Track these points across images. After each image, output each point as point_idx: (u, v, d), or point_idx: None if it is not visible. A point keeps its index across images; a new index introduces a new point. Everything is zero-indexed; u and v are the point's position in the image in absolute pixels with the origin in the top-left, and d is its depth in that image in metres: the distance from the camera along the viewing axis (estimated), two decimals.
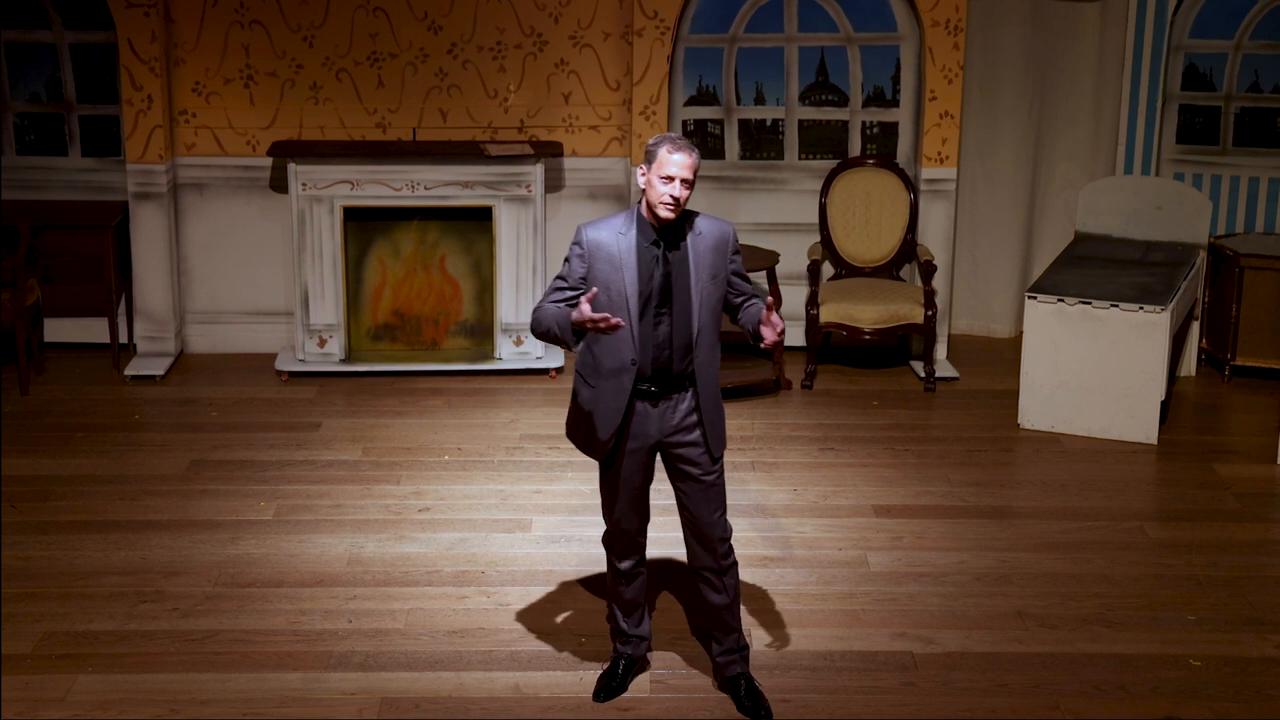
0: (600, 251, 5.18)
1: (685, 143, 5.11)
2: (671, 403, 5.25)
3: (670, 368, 5.21)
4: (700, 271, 5.17)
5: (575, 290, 5.20)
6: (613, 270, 5.16)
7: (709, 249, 5.19)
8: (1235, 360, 8.92)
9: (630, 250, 5.15)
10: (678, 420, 5.26)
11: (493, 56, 9.02)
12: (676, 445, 5.29)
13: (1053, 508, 7.23)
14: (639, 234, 5.18)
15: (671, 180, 5.06)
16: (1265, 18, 9.26)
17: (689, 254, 5.17)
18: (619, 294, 5.15)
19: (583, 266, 5.21)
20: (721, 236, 5.24)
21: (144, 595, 6.31)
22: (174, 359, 9.06)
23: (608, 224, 5.24)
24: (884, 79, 9.22)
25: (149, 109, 8.81)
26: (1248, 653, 5.94)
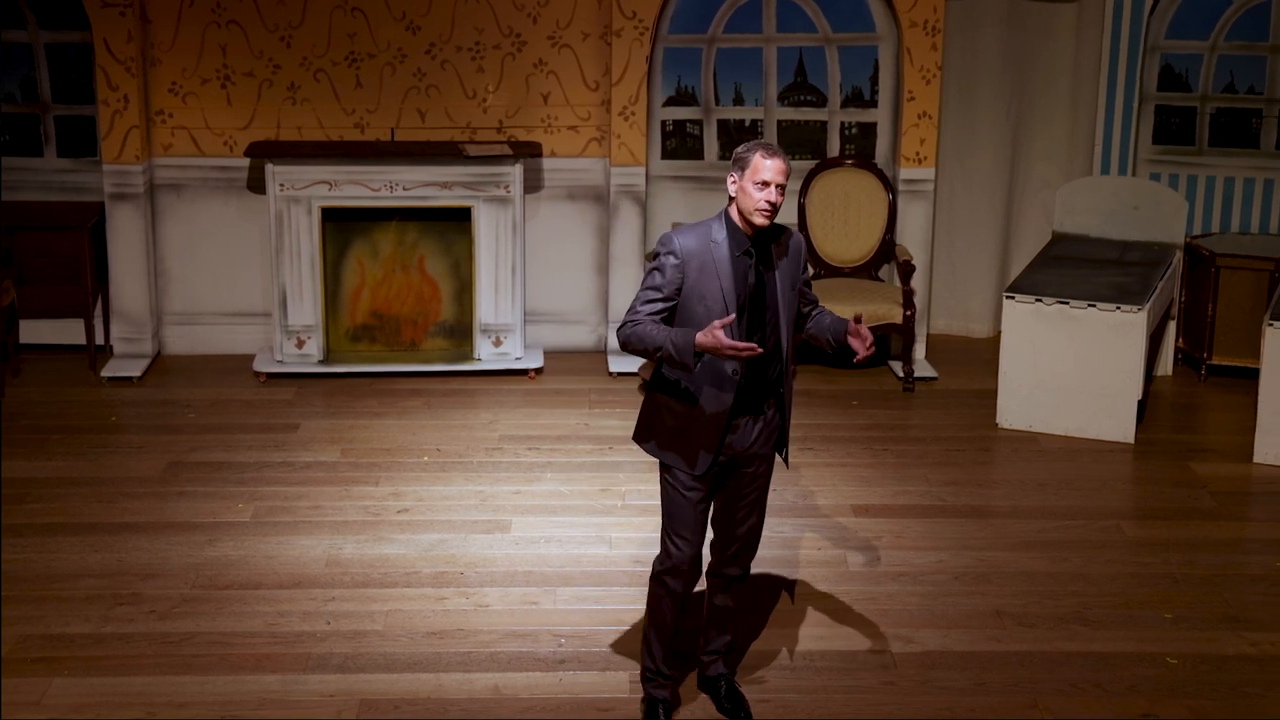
0: (694, 260, 5.01)
1: (777, 148, 5.00)
2: (766, 414, 5.16)
3: (763, 378, 5.11)
4: (784, 281, 5.09)
5: (670, 301, 5.01)
6: (708, 280, 5.00)
7: (788, 258, 5.12)
8: (1211, 359, 8.95)
9: (725, 259, 5.00)
10: (758, 433, 5.16)
11: (471, 57, 9.01)
12: (749, 459, 5.18)
13: (1031, 507, 7.25)
14: (731, 242, 5.03)
15: (767, 186, 4.95)
16: (1240, 18, 9.30)
17: (775, 264, 5.08)
18: (716, 303, 4.98)
19: (679, 275, 5.01)
20: (796, 245, 5.17)
21: (121, 597, 6.28)
22: (151, 360, 9.03)
23: (697, 231, 5.07)
24: (862, 79, 9.24)
25: (125, 109, 8.78)
26: (1224, 650, 5.97)
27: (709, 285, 5.01)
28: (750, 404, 5.12)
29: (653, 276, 5.06)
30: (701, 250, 5.02)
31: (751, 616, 6.12)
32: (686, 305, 5.03)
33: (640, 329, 4.99)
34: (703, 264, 5.01)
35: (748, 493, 5.26)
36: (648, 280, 5.07)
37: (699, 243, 5.04)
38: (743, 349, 4.80)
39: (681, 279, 5.02)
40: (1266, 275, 8.75)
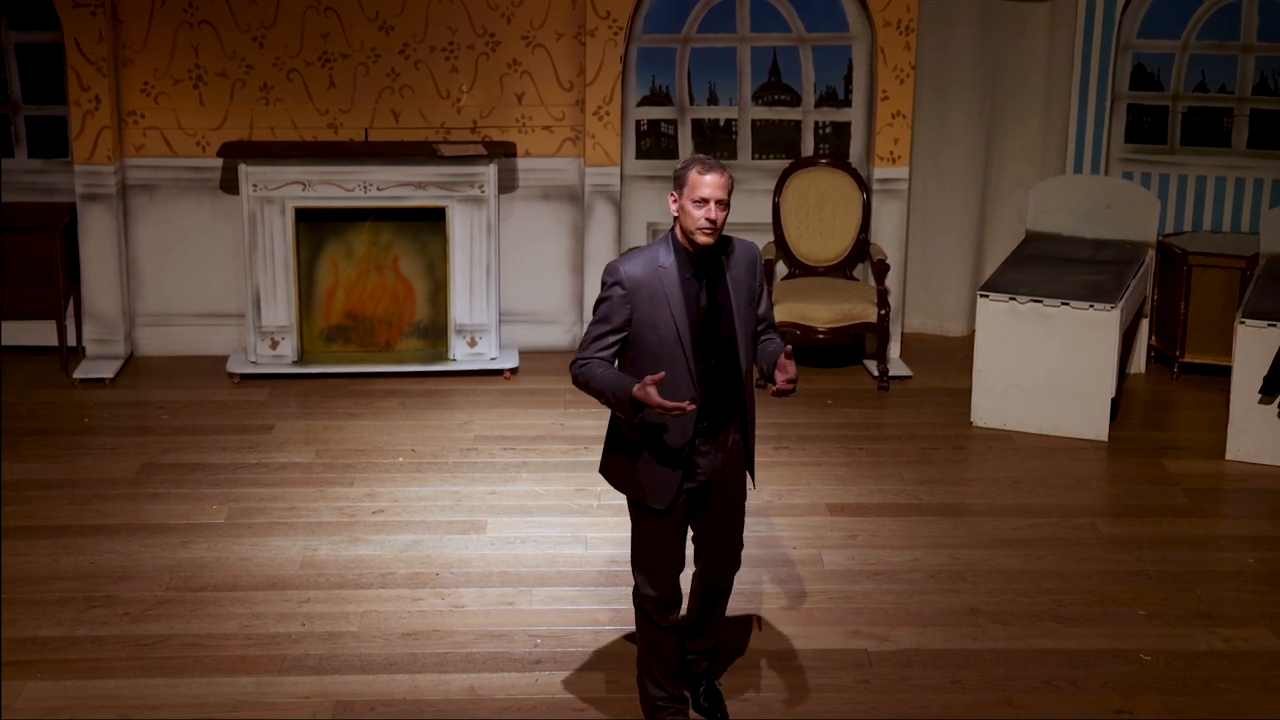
0: (642, 289, 4.84)
1: (715, 162, 4.83)
2: (726, 436, 5.04)
3: (724, 401, 4.98)
4: (739, 298, 4.94)
5: (621, 333, 4.88)
6: (658, 308, 4.84)
7: (743, 274, 4.97)
8: (1184, 357, 8.99)
9: (674, 284, 4.84)
10: (726, 455, 5.05)
11: (445, 57, 9.00)
12: (722, 480, 5.08)
13: (1005, 505, 7.27)
14: (679, 266, 4.87)
15: (706, 203, 4.77)
16: (1211, 18, 9.34)
17: (728, 281, 4.93)
18: (668, 331, 4.84)
19: (625, 308, 4.86)
20: (750, 257, 5.01)
21: (94, 600, 6.26)
22: (124, 362, 9.00)
23: (642, 258, 4.90)
24: (836, 79, 9.25)
25: (96, 109, 8.75)
26: (1196, 646, 5.99)
27: (659, 313, 4.86)
28: (712, 429, 4.99)
29: (601, 309, 4.92)
30: (649, 278, 4.86)
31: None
32: (638, 335, 4.88)
33: (588, 371, 4.88)
34: (652, 292, 4.86)
35: (726, 513, 5.17)
36: (597, 313, 4.94)
37: (646, 270, 4.87)
38: (671, 408, 4.67)
39: (630, 309, 4.87)
40: (1238, 273, 8.79)
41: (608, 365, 4.90)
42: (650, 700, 5.31)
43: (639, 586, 5.18)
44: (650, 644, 5.25)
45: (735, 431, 5.07)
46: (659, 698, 5.29)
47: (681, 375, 4.88)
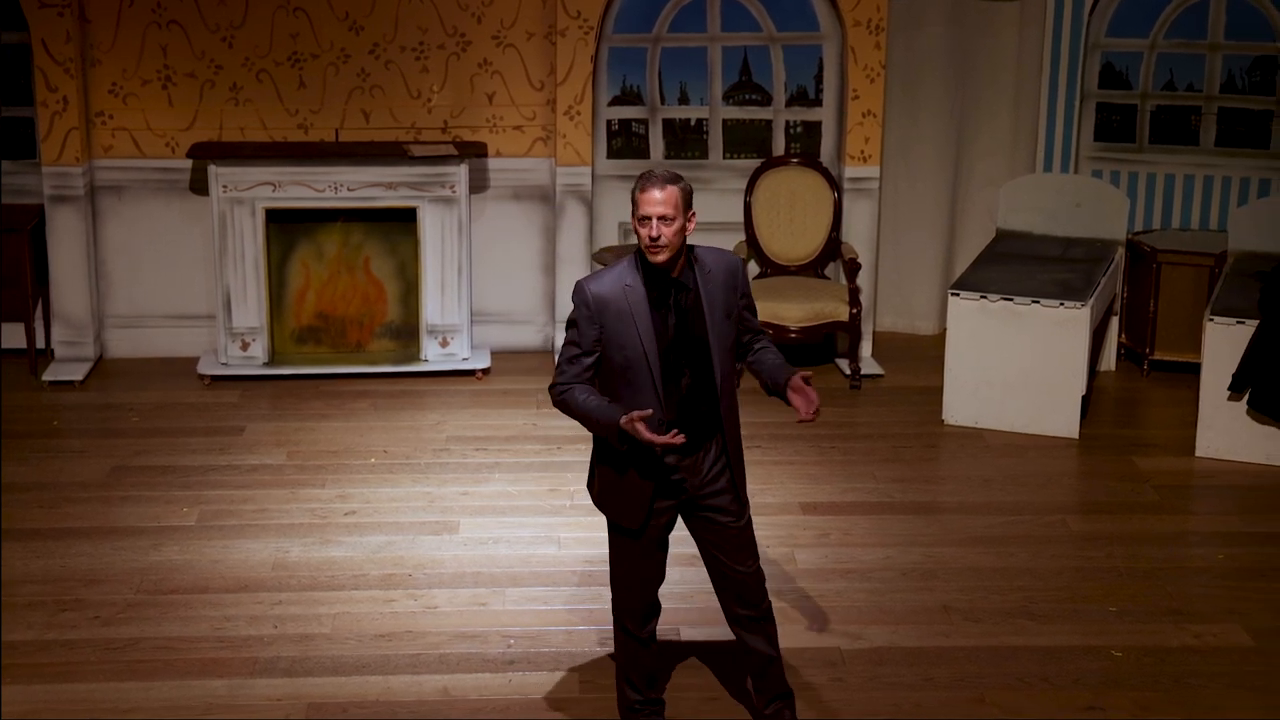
0: (609, 308, 4.79)
1: (661, 176, 4.74)
2: (700, 455, 4.93)
3: (697, 420, 4.87)
4: (714, 313, 4.84)
5: (593, 354, 4.82)
6: (625, 327, 4.78)
7: (720, 286, 4.86)
8: (1154, 355, 9.03)
9: (641, 302, 4.77)
10: (707, 471, 4.94)
11: (415, 57, 8.98)
12: (706, 498, 4.96)
13: (977, 502, 7.29)
14: (645, 283, 4.80)
15: (648, 220, 4.69)
16: (1179, 17, 9.39)
17: (701, 296, 4.82)
18: (635, 352, 4.77)
19: (594, 328, 4.80)
20: (730, 271, 4.91)
21: (64, 604, 6.22)
22: (93, 364, 8.95)
23: (610, 275, 4.83)
24: (807, 78, 9.27)
25: (64, 110, 8.70)
26: (1167, 642, 6.02)
27: (626, 333, 4.79)
28: (685, 449, 4.88)
29: (571, 332, 4.87)
30: (615, 297, 4.80)
31: (699, 614, 6.12)
32: (606, 354, 4.83)
33: (569, 397, 4.84)
34: (618, 311, 4.79)
35: (727, 535, 5.03)
36: (568, 335, 4.90)
37: (612, 289, 4.80)
38: (660, 443, 4.64)
39: (598, 330, 4.82)
40: (1206, 271, 8.83)
41: (589, 390, 4.85)
42: (628, 703, 5.29)
43: (614, 603, 5.17)
44: (628, 655, 5.23)
45: (715, 451, 4.97)
46: (635, 700, 5.28)
47: (648, 396, 4.82)
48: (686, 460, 4.93)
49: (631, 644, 5.19)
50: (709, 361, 4.87)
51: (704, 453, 4.95)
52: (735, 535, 5.03)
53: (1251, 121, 9.41)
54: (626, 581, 5.10)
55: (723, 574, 5.09)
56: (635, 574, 5.07)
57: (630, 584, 5.09)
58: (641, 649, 5.21)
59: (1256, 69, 9.38)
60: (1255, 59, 9.36)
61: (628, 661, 5.24)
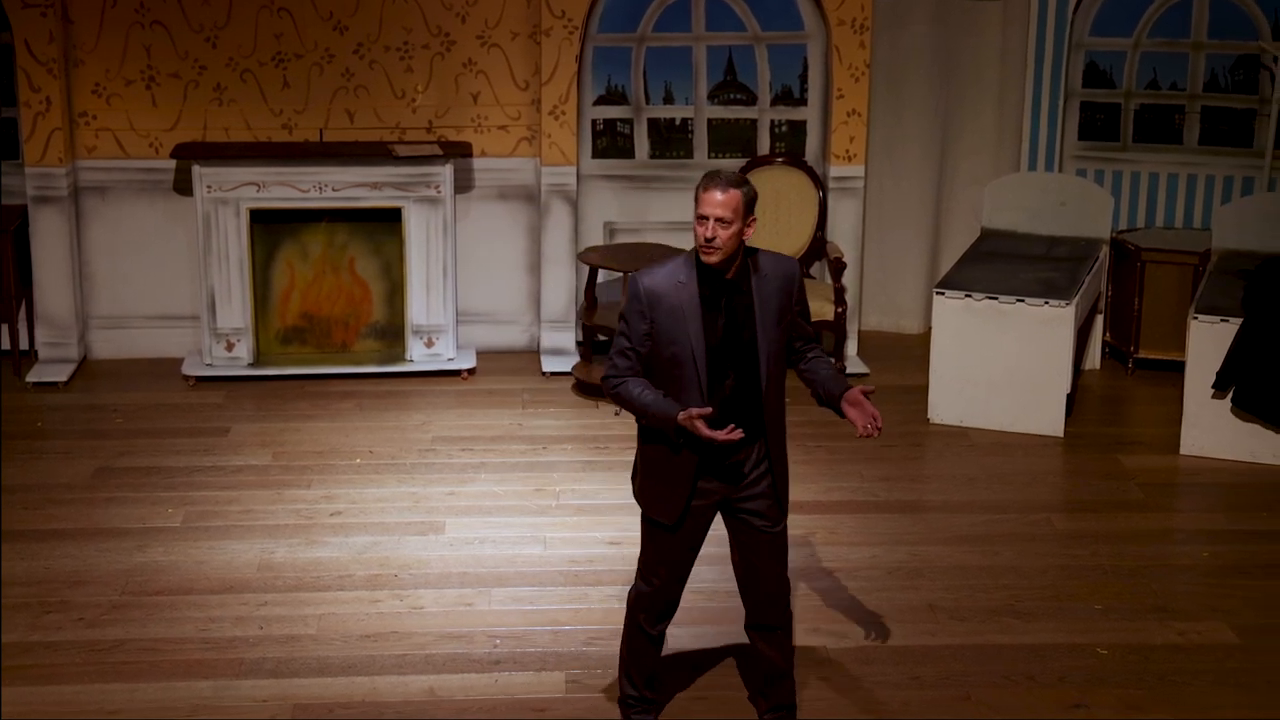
0: (661, 304, 4.81)
1: (725, 178, 4.76)
2: (741, 457, 4.93)
3: (739, 422, 4.84)
4: (765, 317, 4.85)
5: (643, 348, 4.86)
6: (676, 324, 4.80)
7: (774, 292, 4.87)
8: (1138, 353, 9.05)
9: (693, 300, 4.79)
10: (747, 474, 4.95)
11: (399, 57, 8.97)
12: (744, 500, 4.98)
13: (962, 501, 7.31)
14: (699, 282, 4.82)
15: (705, 220, 4.73)
16: (1162, 16, 9.41)
17: (754, 299, 4.84)
18: (683, 349, 4.80)
19: (644, 323, 4.83)
20: (786, 277, 4.90)
21: (48, 605, 6.21)
22: (77, 365, 8.93)
23: (665, 270, 4.86)
24: (791, 78, 9.27)
25: (48, 111, 8.68)
26: (1152, 640, 6.04)
27: (677, 330, 4.82)
28: (726, 449, 4.89)
29: (623, 324, 4.92)
30: (668, 292, 4.83)
31: (686, 614, 6.12)
32: (656, 348, 4.86)
33: (623, 390, 4.88)
34: (670, 307, 4.82)
35: (760, 540, 5.04)
36: (620, 327, 4.94)
37: (666, 284, 4.84)
38: (721, 439, 4.69)
39: (649, 325, 4.85)
40: (1191, 269, 8.85)
41: (644, 384, 4.87)
42: (622, 695, 5.33)
43: (635, 585, 5.17)
44: (632, 647, 5.24)
45: (757, 455, 4.97)
46: (630, 695, 5.30)
47: (693, 394, 4.84)
48: (729, 461, 4.94)
49: (639, 639, 5.20)
50: (755, 365, 4.87)
51: (746, 455, 4.95)
52: (769, 541, 5.05)
53: (1235, 120, 9.44)
54: (652, 574, 5.10)
55: (750, 578, 5.11)
56: (662, 567, 5.08)
57: (655, 577, 5.10)
58: (648, 646, 5.21)
59: (1239, 68, 9.40)
60: (1238, 58, 9.39)
61: (631, 657, 5.25)
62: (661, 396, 4.84)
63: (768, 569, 5.09)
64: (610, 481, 7.43)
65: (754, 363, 4.87)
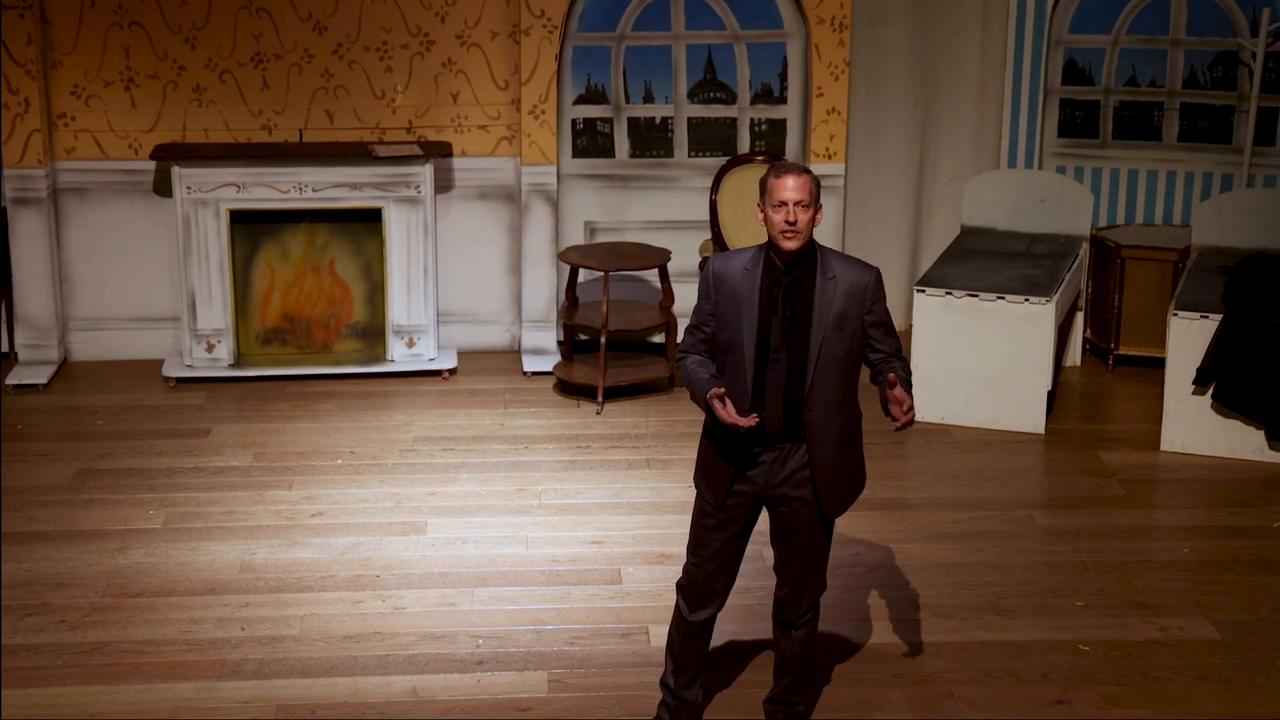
0: (725, 286, 4.89)
1: (795, 165, 4.83)
2: (783, 453, 4.94)
3: (785, 417, 4.89)
4: (825, 318, 4.83)
5: (708, 327, 4.96)
6: (735, 308, 4.86)
7: (842, 295, 4.84)
8: (1118, 349, 9.07)
9: (753, 288, 4.84)
10: (787, 473, 4.95)
11: (379, 57, 8.95)
12: (783, 499, 4.99)
13: (944, 498, 7.32)
14: (764, 271, 4.85)
15: (785, 205, 4.75)
16: (1141, 13, 9.44)
17: (815, 298, 4.83)
18: (737, 335, 4.86)
19: (709, 303, 4.93)
20: (859, 284, 4.88)
21: (29, 608, 6.19)
22: (57, 367, 8.90)
23: (738, 257, 4.93)
24: (771, 76, 9.28)
25: (26, 113, 8.65)
26: (1134, 636, 6.06)
27: (735, 314, 4.88)
28: (769, 440, 4.93)
29: (697, 302, 5.02)
30: (735, 277, 4.89)
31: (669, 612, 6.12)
32: (717, 329, 4.94)
33: (683, 364, 4.98)
34: (734, 291, 4.88)
35: (791, 539, 5.07)
36: (695, 306, 5.05)
37: (734, 269, 4.90)
38: (730, 424, 4.73)
39: (712, 305, 4.93)
40: (1170, 266, 8.88)
41: (702, 360, 4.95)
42: (663, 677, 5.34)
43: (681, 575, 5.22)
44: (675, 630, 5.26)
45: (799, 456, 4.97)
46: (665, 681, 5.32)
47: (741, 381, 4.88)
48: (767, 453, 4.96)
49: (681, 624, 5.22)
50: (804, 364, 4.87)
51: (787, 452, 4.96)
52: (799, 543, 5.06)
53: (1213, 117, 9.47)
54: (696, 554, 5.13)
55: (780, 571, 5.16)
56: (706, 549, 5.10)
57: (699, 557, 5.13)
58: (688, 633, 5.21)
59: (1218, 64, 9.44)
60: (1217, 55, 9.42)
61: (672, 637, 5.27)
62: (710, 376, 4.91)
63: (793, 568, 5.11)
64: (592, 481, 7.44)
65: (803, 360, 4.87)
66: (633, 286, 9.23)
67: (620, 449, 7.80)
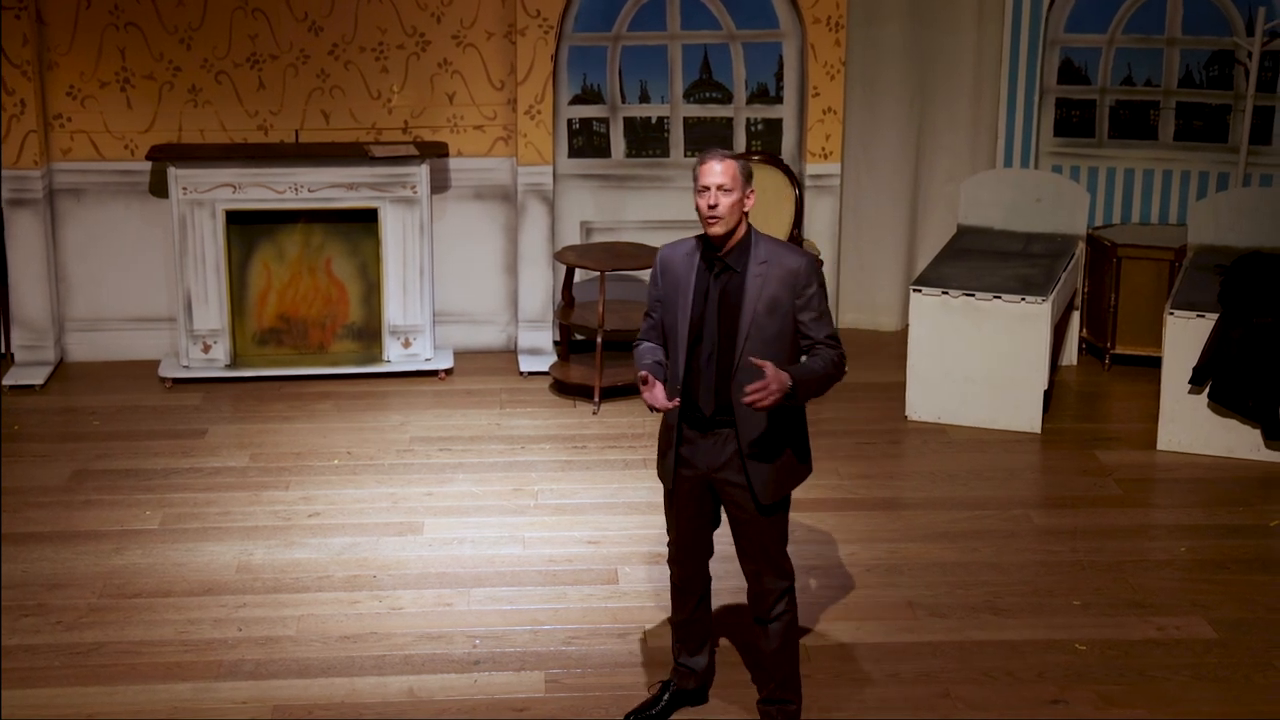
0: (669, 272, 5.03)
1: (716, 150, 4.93)
2: (720, 437, 5.01)
3: (716, 400, 4.97)
4: (755, 303, 4.90)
5: (656, 313, 5.11)
6: (674, 294, 4.99)
7: (773, 279, 4.91)
8: (1115, 349, 9.08)
9: (690, 273, 4.96)
10: (724, 458, 5.03)
11: (375, 57, 8.95)
12: (723, 483, 5.07)
13: (940, 498, 7.32)
14: (701, 257, 4.97)
15: (707, 190, 4.85)
16: (1137, 12, 9.44)
17: (746, 282, 4.91)
18: (674, 319, 4.98)
19: (656, 289, 5.08)
20: (791, 270, 4.93)
21: (26, 609, 6.19)
22: (53, 368, 8.89)
23: (684, 244, 5.06)
24: (767, 75, 9.28)
25: (22, 114, 8.64)
26: (1130, 635, 6.06)
27: (674, 300, 5.00)
28: (702, 424, 5.01)
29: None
30: (679, 262, 5.01)
31: (665, 612, 6.12)
32: (664, 315, 5.05)
33: (637, 350, 5.14)
34: (674, 278, 5.01)
35: (738, 526, 5.13)
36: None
37: (679, 255, 5.03)
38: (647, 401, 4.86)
39: (659, 292, 5.06)
40: (1167, 265, 8.89)
41: (651, 346, 5.11)
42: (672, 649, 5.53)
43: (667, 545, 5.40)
44: (672, 602, 5.44)
45: (731, 440, 5.02)
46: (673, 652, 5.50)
47: (679, 364, 5.00)
48: (705, 438, 5.03)
49: (672, 592, 5.41)
50: (731, 347, 4.94)
51: (725, 437, 5.02)
52: (745, 530, 5.13)
53: (1209, 116, 9.48)
54: (669, 534, 5.31)
55: (741, 563, 5.24)
56: (671, 531, 5.28)
57: (670, 537, 5.31)
58: (677, 601, 5.38)
59: (1214, 63, 9.44)
60: (1213, 54, 9.43)
61: (673, 613, 5.45)
62: (654, 361, 5.04)
63: (745, 557, 5.19)
64: (588, 481, 7.44)
65: (731, 344, 4.93)
66: (629, 286, 9.24)
67: (617, 449, 7.80)
